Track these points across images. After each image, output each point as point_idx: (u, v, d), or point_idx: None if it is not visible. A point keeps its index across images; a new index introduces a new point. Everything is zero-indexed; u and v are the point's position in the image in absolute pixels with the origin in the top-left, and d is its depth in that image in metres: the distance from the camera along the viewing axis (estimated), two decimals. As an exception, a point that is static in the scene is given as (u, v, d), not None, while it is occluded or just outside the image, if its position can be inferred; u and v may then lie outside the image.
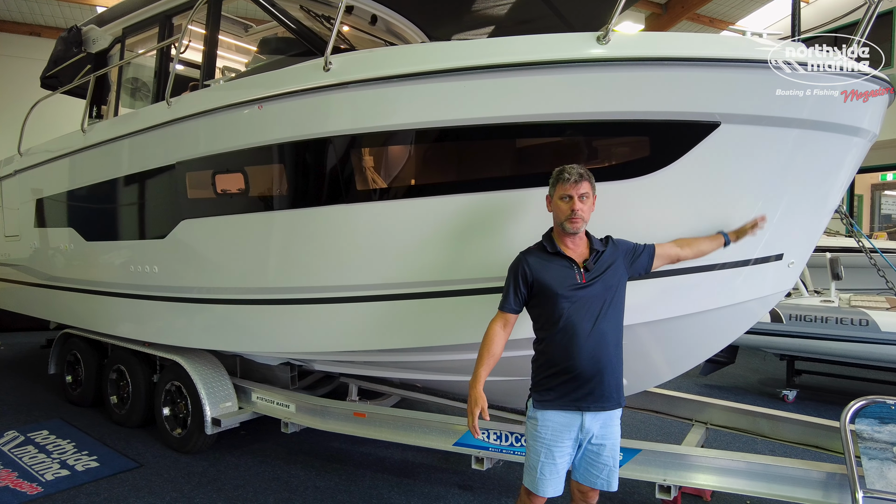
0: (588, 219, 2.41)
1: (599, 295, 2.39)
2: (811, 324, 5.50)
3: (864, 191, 14.11)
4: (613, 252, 2.47)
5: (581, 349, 2.35)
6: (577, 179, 2.36)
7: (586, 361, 2.35)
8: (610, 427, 2.45)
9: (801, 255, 3.11)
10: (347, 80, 2.97)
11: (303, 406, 4.13)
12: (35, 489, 3.84)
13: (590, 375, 2.36)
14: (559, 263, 2.41)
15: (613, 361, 2.41)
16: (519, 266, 2.46)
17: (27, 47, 12.18)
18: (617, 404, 2.44)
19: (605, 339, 2.38)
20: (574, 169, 2.38)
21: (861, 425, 2.75)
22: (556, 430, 2.42)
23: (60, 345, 5.94)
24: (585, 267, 2.40)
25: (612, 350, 2.41)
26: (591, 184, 2.40)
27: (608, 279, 2.41)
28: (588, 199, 2.39)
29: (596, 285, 2.39)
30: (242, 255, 3.80)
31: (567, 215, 2.37)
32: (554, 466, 2.42)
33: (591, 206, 2.42)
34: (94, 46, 5.15)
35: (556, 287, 2.38)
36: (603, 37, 2.46)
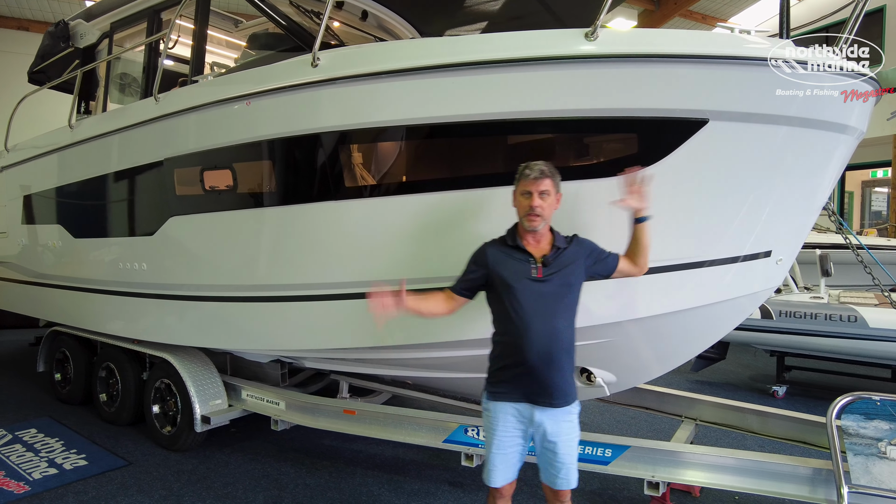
0: (548, 216, 2.40)
1: (555, 291, 2.38)
2: (801, 320, 5.53)
3: (855, 187, 14.23)
4: (576, 251, 2.46)
5: (532, 344, 2.35)
6: (538, 176, 2.35)
7: (537, 356, 2.36)
8: (563, 424, 2.44)
9: (789, 252, 3.13)
10: (335, 76, 2.95)
11: (293, 403, 4.12)
12: (22, 488, 3.81)
13: (540, 371, 2.37)
14: (517, 257, 2.42)
15: (564, 360, 2.41)
16: (478, 253, 2.51)
17: (15, 41, 12.03)
18: (566, 402, 2.44)
19: (558, 337, 2.38)
20: (537, 165, 2.38)
21: (847, 421, 2.77)
22: (506, 422, 2.46)
23: (49, 342, 5.89)
24: (544, 262, 2.39)
25: (565, 348, 2.41)
26: (553, 181, 2.39)
27: (566, 276, 2.40)
28: (549, 196, 2.38)
29: (552, 281, 2.38)
30: (232, 252, 3.78)
31: (526, 211, 2.38)
32: (504, 457, 2.47)
33: (552, 204, 2.40)
34: (81, 41, 5.10)
35: (510, 279, 2.39)
36: (591, 33, 2.45)
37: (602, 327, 2.96)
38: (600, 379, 3.32)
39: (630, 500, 3.65)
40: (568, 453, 2.45)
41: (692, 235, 2.80)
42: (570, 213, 2.64)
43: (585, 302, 2.51)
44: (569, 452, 2.46)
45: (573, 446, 2.48)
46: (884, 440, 2.67)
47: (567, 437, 2.45)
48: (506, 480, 2.50)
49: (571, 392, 2.46)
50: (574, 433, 2.48)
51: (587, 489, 3.78)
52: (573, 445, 2.48)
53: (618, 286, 2.83)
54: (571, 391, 2.46)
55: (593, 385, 3.36)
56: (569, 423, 2.46)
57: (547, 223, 2.42)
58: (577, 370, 3.38)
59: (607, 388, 3.35)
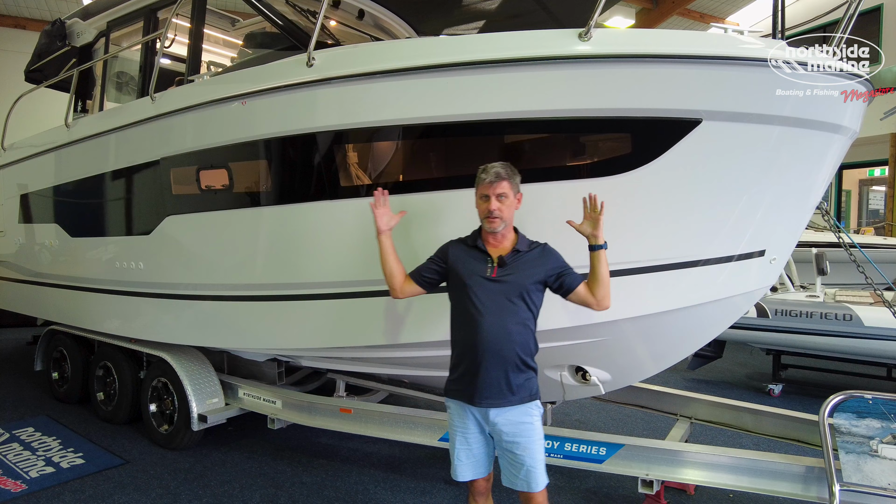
0: (508, 218, 2.41)
1: (507, 291, 2.37)
2: (796, 319, 5.55)
3: (852, 186, 14.24)
4: (539, 258, 2.45)
5: (481, 342, 2.36)
6: (494, 179, 2.37)
7: (485, 355, 2.35)
8: (520, 426, 2.40)
9: (783, 251, 3.14)
10: (331, 75, 2.96)
11: (289, 402, 4.13)
12: (19, 486, 3.82)
13: (488, 369, 2.36)
14: (475, 256, 2.46)
15: (516, 359, 2.38)
16: (441, 249, 2.58)
17: (12, 40, 12.01)
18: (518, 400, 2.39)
19: (509, 337, 2.36)
20: (493, 168, 2.39)
21: (839, 419, 2.78)
22: (463, 418, 2.48)
23: (46, 341, 5.90)
24: (500, 262, 2.40)
25: (517, 348, 2.38)
26: (511, 183, 2.39)
27: (521, 279, 2.39)
28: (507, 198, 2.39)
29: (506, 281, 2.38)
30: (228, 251, 3.78)
31: (485, 214, 2.40)
32: (469, 451, 2.48)
33: (512, 205, 2.42)
34: (78, 40, 5.09)
35: (465, 276, 2.42)
36: (585, 33, 2.46)
37: (597, 326, 2.97)
38: (595, 377, 3.33)
39: (625, 498, 3.66)
40: (527, 455, 2.40)
41: (686, 235, 2.80)
42: (563, 214, 2.64)
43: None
44: (528, 454, 2.41)
45: (533, 448, 2.41)
46: (875, 438, 2.69)
47: (526, 439, 2.40)
48: (474, 475, 2.51)
49: (526, 392, 2.42)
50: (534, 434, 2.42)
51: (582, 487, 3.80)
52: (532, 447, 2.41)
53: (612, 284, 2.85)
54: (527, 391, 2.42)
55: (588, 383, 3.37)
56: (527, 424, 2.42)
57: (507, 224, 2.43)
58: (572, 369, 3.39)
59: (602, 386, 3.36)
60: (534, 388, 2.46)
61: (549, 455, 3.32)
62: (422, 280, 2.59)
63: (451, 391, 2.51)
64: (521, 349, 2.39)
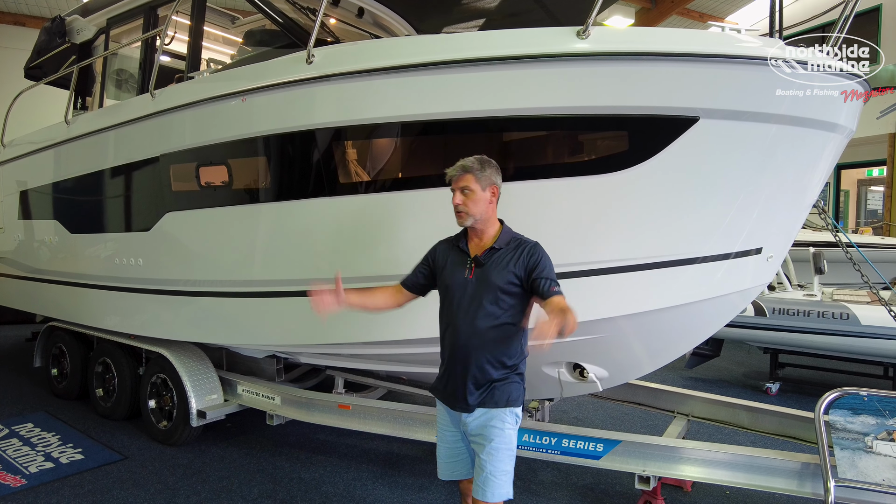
0: (475, 212, 2.29)
1: (481, 292, 2.27)
2: (794, 317, 5.57)
3: (851, 186, 14.26)
4: (514, 255, 2.29)
5: (456, 345, 2.31)
6: (457, 174, 2.30)
7: (460, 358, 2.30)
8: (488, 428, 2.29)
9: (779, 249, 3.16)
10: (330, 72, 2.97)
11: (288, 398, 4.14)
12: (19, 481, 3.83)
13: (463, 373, 2.30)
14: (458, 256, 2.38)
15: (492, 364, 2.28)
16: (430, 251, 2.52)
17: (11, 37, 12.01)
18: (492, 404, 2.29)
19: (481, 340, 2.26)
20: (459, 162, 2.32)
21: (835, 416, 2.80)
22: (444, 418, 2.45)
23: (46, 338, 5.91)
24: (476, 261, 2.32)
25: (492, 352, 2.27)
26: (475, 175, 2.27)
27: (494, 278, 2.26)
28: (472, 192, 2.27)
29: (480, 282, 2.28)
30: (227, 247, 3.79)
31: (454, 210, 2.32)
32: (450, 451, 2.44)
33: (481, 199, 2.29)
34: (78, 37, 5.09)
35: (448, 278, 2.37)
36: (583, 31, 2.47)
37: (594, 323, 2.98)
38: (592, 374, 3.35)
39: (622, 494, 3.68)
40: (489, 460, 2.25)
41: (683, 232, 2.82)
42: (560, 211, 2.66)
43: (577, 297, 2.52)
44: (489, 460, 2.25)
45: (496, 455, 2.25)
46: (870, 435, 2.71)
47: (490, 444, 2.27)
48: (452, 475, 2.46)
49: (502, 396, 2.29)
50: (500, 440, 2.27)
51: (579, 483, 3.81)
52: (496, 454, 2.26)
53: (610, 282, 2.86)
54: (502, 395, 2.29)
55: (586, 380, 3.39)
56: (495, 429, 2.28)
57: (479, 219, 2.31)
58: (569, 366, 3.41)
59: (599, 383, 3.38)
60: (512, 393, 2.31)
61: (547, 451, 3.34)
62: (415, 286, 2.54)
63: (436, 390, 2.48)
64: (497, 352, 2.28)
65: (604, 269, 2.89)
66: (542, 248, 2.33)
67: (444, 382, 2.41)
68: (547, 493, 3.69)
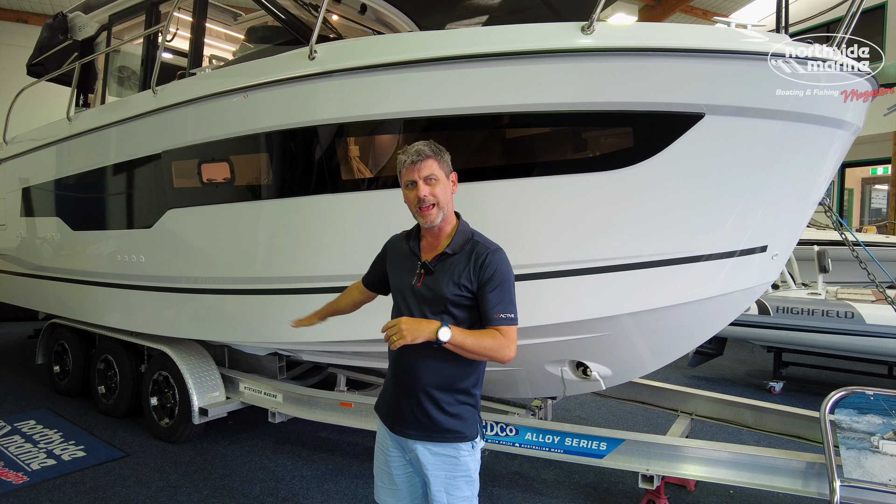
0: (444, 203, 1.94)
1: (428, 305, 1.94)
2: (798, 316, 5.54)
3: (855, 185, 14.21)
4: (464, 261, 1.94)
5: (401, 362, 1.99)
6: (417, 159, 1.91)
7: (403, 378, 1.99)
8: (441, 458, 1.97)
9: (785, 247, 3.13)
10: (332, 68, 2.95)
11: (290, 396, 4.14)
12: (21, 478, 3.83)
13: (405, 396, 1.98)
14: (406, 259, 2.06)
15: (439, 390, 1.94)
16: (384, 246, 2.23)
17: (14, 34, 12.02)
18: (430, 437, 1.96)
19: (428, 358, 1.92)
20: (413, 147, 1.94)
21: (840, 416, 2.78)
22: (384, 437, 2.12)
23: (48, 335, 5.91)
24: (425, 268, 1.97)
25: (438, 376, 1.94)
26: (438, 160, 1.94)
27: (441, 289, 1.92)
28: (437, 181, 1.92)
29: (428, 293, 1.95)
30: (229, 244, 3.78)
31: (415, 205, 1.93)
32: (388, 476, 2.11)
33: (446, 189, 1.95)
34: (80, 34, 5.08)
35: (395, 283, 2.08)
36: (588, 27, 2.45)
37: (598, 321, 2.97)
38: (596, 373, 3.33)
39: (625, 493, 3.67)
40: (443, 489, 1.95)
41: (688, 230, 2.80)
42: (562, 209, 2.64)
43: (581, 295, 2.50)
44: (444, 489, 1.95)
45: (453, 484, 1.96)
46: (876, 434, 2.69)
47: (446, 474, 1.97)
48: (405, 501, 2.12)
49: (454, 431, 1.96)
50: (456, 469, 1.97)
51: (582, 482, 3.80)
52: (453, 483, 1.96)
53: (613, 279, 2.84)
54: (455, 429, 1.96)
55: (589, 379, 3.37)
56: (448, 458, 1.97)
57: (445, 214, 1.96)
58: (572, 364, 3.39)
59: (603, 382, 3.36)
60: (466, 427, 1.98)
61: (550, 450, 3.33)
62: (372, 285, 2.29)
63: (378, 409, 2.15)
64: (446, 375, 1.94)
65: (607, 267, 2.87)
66: (500, 255, 1.96)
67: (387, 402, 2.08)
68: (550, 492, 3.67)
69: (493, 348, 1.86)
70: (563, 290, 2.87)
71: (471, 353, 1.87)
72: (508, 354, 1.88)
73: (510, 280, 1.95)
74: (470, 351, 1.86)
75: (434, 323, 1.83)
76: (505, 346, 1.87)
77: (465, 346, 1.84)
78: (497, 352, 1.86)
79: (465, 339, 1.84)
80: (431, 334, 1.80)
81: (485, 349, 1.86)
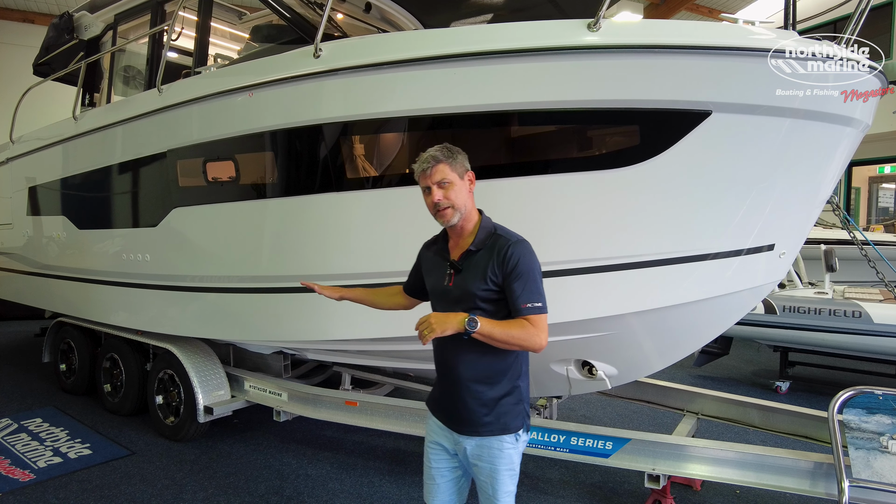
0: (460, 205, 2.00)
1: (459, 303, 2.00)
2: (805, 315, 5.50)
3: (862, 183, 14.10)
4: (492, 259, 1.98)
5: (443, 361, 2.08)
6: (429, 166, 1.99)
7: (445, 377, 2.09)
8: (486, 449, 2.04)
9: (792, 246, 3.11)
10: (337, 66, 2.95)
11: (295, 395, 4.14)
12: (27, 476, 3.84)
13: (449, 391, 2.08)
14: (438, 260, 2.14)
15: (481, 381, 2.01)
16: (418, 256, 2.30)
17: (20, 34, 12.08)
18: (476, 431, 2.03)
19: (467, 355, 1.99)
20: (426, 153, 2.02)
21: (849, 415, 2.75)
22: (432, 434, 2.19)
23: (54, 333, 5.93)
24: (454, 267, 2.05)
25: (477, 370, 2.00)
26: (450, 164, 2.00)
27: (469, 286, 1.99)
28: (451, 184, 1.99)
29: (458, 291, 2.02)
30: (234, 243, 3.79)
31: (433, 209, 2.02)
32: (429, 471, 2.18)
33: (461, 190, 2.01)
34: (86, 33, 5.11)
35: (432, 288, 2.15)
36: (594, 24, 2.44)
37: (604, 320, 2.96)
38: (601, 372, 3.32)
39: (631, 493, 3.65)
40: (490, 483, 2.03)
41: (694, 228, 2.78)
42: (570, 206, 2.63)
43: (586, 294, 2.49)
44: (492, 483, 2.03)
45: (498, 478, 2.03)
46: (885, 434, 2.66)
47: (492, 464, 2.03)
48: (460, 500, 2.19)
49: (495, 421, 2.02)
50: (501, 462, 2.03)
51: (587, 482, 3.79)
52: (498, 476, 2.03)
53: (619, 278, 2.83)
54: (496, 420, 2.02)
55: (595, 378, 3.36)
56: (493, 450, 2.04)
57: (464, 214, 2.03)
58: (578, 363, 3.38)
59: (608, 381, 3.35)
60: (510, 422, 2.04)
61: (555, 449, 3.32)
62: (413, 291, 2.35)
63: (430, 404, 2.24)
64: (488, 369, 2.01)
65: (613, 266, 2.85)
66: (522, 246, 1.99)
67: (436, 399, 2.19)
68: (555, 492, 3.66)
69: (522, 337, 1.90)
70: (568, 289, 2.86)
71: (501, 343, 1.92)
72: (539, 343, 1.92)
73: (535, 270, 1.98)
74: (499, 340, 1.90)
75: (461, 314, 1.89)
76: (534, 334, 1.91)
77: (493, 336, 1.89)
78: (526, 340, 1.91)
79: (493, 329, 1.89)
80: (459, 325, 1.86)
81: (513, 338, 1.90)
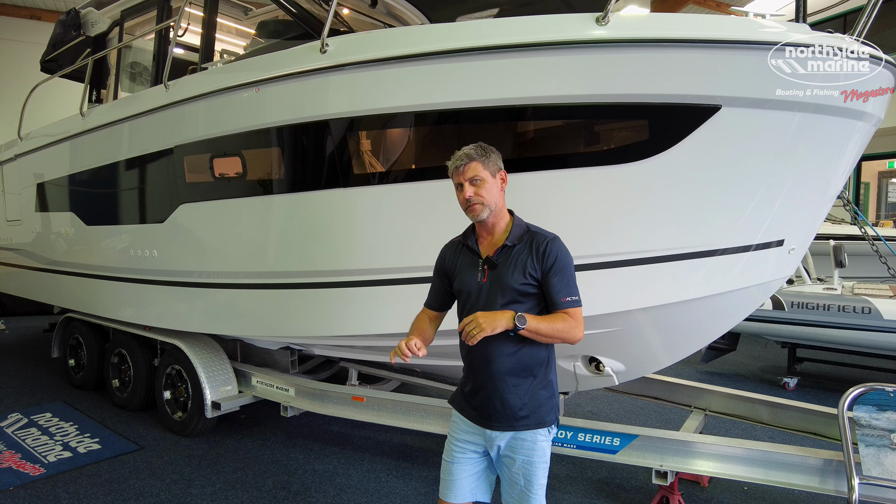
0: (491, 202, 2.05)
1: (496, 297, 2.04)
2: (813, 311, 5.47)
3: (871, 178, 13.98)
4: (526, 251, 2.05)
5: (475, 357, 2.08)
6: (462, 163, 2.04)
7: (479, 372, 2.08)
8: (520, 442, 2.08)
9: (802, 241, 3.08)
10: (344, 62, 2.94)
11: (302, 390, 4.15)
12: (38, 470, 3.88)
13: (481, 387, 2.09)
14: (469, 259, 2.15)
15: (515, 374, 2.04)
16: (437, 260, 2.29)
17: (27, 31, 12.14)
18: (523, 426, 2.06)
19: (499, 350, 2.02)
20: (460, 152, 2.07)
21: (859, 412, 2.73)
22: (457, 430, 2.20)
23: (63, 329, 5.98)
24: (489, 263, 2.08)
25: (509, 364, 2.04)
26: (483, 163, 2.05)
27: (508, 280, 2.03)
28: (483, 181, 2.04)
29: (494, 286, 2.05)
30: (241, 239, 3.79)
31: (464, 205, 2.07)
32: (448, 467, 2.19)
33: (492, 188, 2.06)
34: (92, 29, 5.12)
35: (462, 286, 2.14)
36: (602, 18, 2.42)
37: (611, 316, 2.95)
38: (609, 368, 3.31)
39: (638, 489, 3.64)
40: (523, 474, 2.08)
41: (703, 223, 2.76)
42: (579, 201, 2.61)
43: (594, 289, 2.48)
44: (525, 474, 2.07)
45: (531, 469, 2.07)
46: (896, 432, 2.64)
47: (526, 456, 2.07)
48: (456, 498, 2.17)
49: (531, 415, 2.07)
50: (534, 454, 2.07)
51: (595, 478, 3.78)
52: (531, 468, 2.07)
53: (627, 274, 2.82)
54: (531, 414, 2.07)
55: (602, 374, 3.35)
56: (530, 443, 2.08)
57: (494, 210, 2.08)
58: (585, 359, 3.37)
59: (616, 377, 3.34)
60: (545, 416, 2.09)
61: (562, 445, 3.31)
62: (436, 305, 2.30)
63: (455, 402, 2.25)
64: (522, 362, 2.05)
65: (621, 262, 2.84)
66: (559, 243, 2.07)
67: (469, 396, 2.17)
68: (562, 488, 3.66)
69: (565, 329, 1.99)
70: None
71: (545, 337, 1.99)
72: (578, 335, 2.01)
73: (571, 265, 2.07)
74: (544, 335, 1.98)
75: (508, 312, 1.95)
76: (575, 326, 2.01)
77: (539, 331, 1.96)
78: (568, 333, 2.00)
79: (539, 324, 1.96)
80: (509, 322, 1.92)
81: (558, 332, 1.98)
